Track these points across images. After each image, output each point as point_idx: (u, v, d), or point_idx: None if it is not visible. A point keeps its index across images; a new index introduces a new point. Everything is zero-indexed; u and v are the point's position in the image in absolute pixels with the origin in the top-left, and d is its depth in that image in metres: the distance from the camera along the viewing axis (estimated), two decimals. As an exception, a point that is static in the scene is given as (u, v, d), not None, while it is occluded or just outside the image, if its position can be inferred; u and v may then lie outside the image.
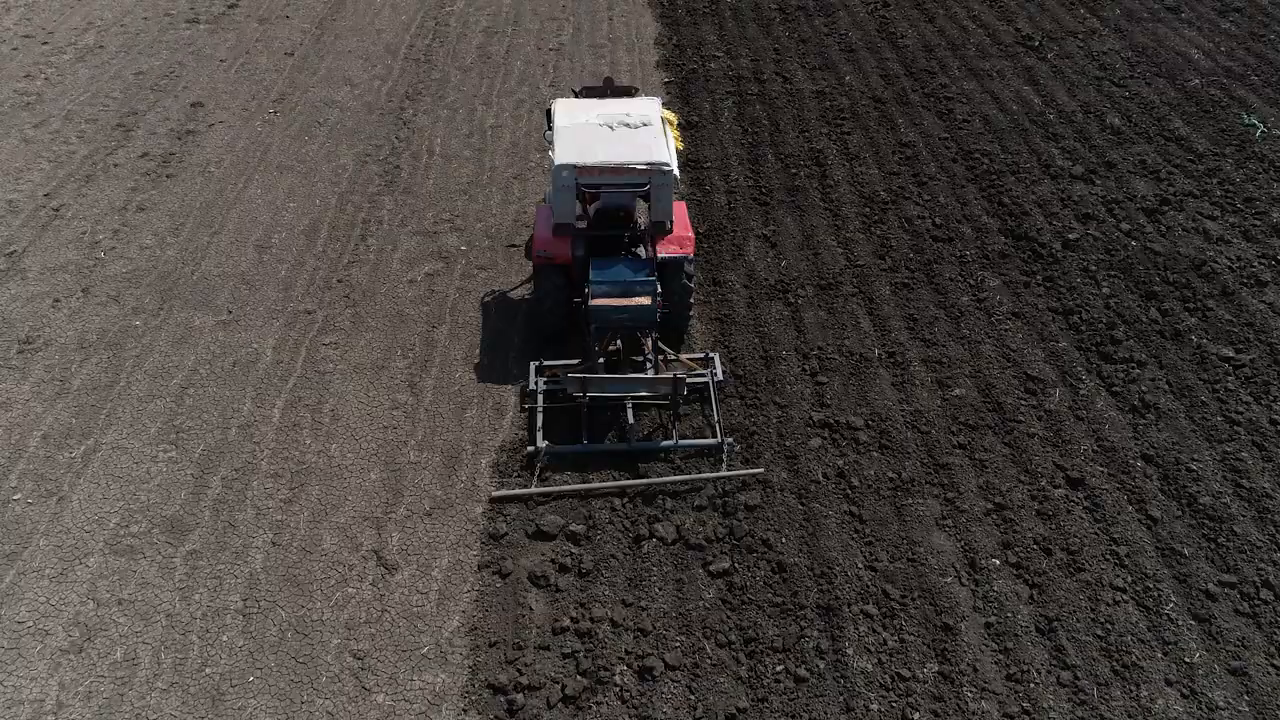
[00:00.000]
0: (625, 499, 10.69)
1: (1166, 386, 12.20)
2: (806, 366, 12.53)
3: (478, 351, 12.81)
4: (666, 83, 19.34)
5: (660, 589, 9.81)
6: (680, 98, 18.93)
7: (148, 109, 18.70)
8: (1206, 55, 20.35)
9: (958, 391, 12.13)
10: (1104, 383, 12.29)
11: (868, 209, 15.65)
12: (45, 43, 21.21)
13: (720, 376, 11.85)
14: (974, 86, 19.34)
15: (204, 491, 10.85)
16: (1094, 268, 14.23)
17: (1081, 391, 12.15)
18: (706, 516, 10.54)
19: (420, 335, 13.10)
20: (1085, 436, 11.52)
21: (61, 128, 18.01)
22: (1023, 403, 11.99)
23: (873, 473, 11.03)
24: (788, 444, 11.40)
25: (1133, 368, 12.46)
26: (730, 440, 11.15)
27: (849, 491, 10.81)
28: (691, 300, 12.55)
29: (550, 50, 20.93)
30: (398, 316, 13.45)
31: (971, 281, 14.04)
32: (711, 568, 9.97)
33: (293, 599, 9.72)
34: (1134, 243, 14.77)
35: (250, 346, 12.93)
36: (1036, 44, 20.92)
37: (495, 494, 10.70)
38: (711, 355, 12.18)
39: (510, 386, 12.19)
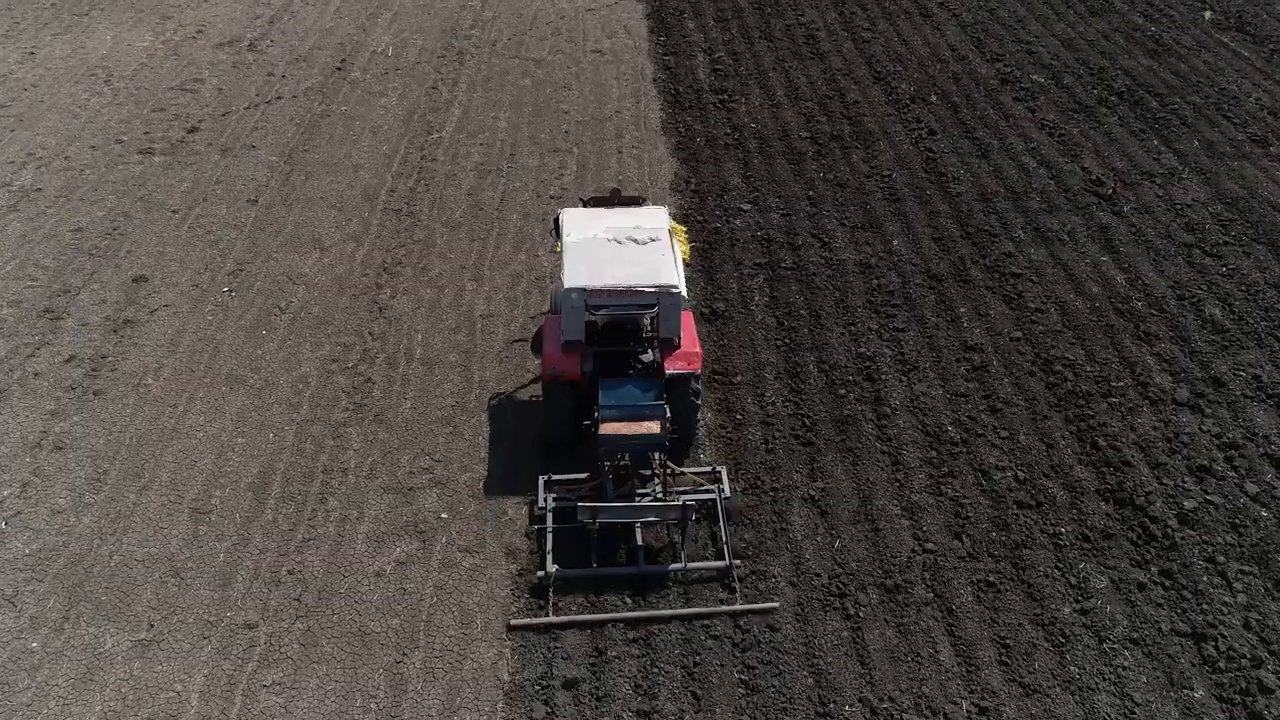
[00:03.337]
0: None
1: (1343, 775, 9.55)
2: (877, 733, 9.86)
3: (458, 697, 10.15)
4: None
5: None
6: (704, 270, 16.26)
7: (82, 285, 16.03)
8: (1308, 211, 17.67)
9: (1074, 783, 9.47)
10: (1260, 764, 9.63)
11: (934, 453, 12.95)
12: (-25, 184, 18.56)
13: (728, 494, 11.81)
14: (1043, 256, 16.63)
15: None
16: (1221, 557, 11.53)
17: (1233, 781, 9.49)
18: None
19: (386, 671, 10.41)
20: None
21: (-22, 314, 15.37)
22: (1160, 802, 9.33)
23: None
24: None
25: (1294, 738, 9.79)
26: (739, 563, 11.21)
27: None
28: (700, 411, 12.64)
29: (551, 198, 18.23)
30: (360, 636, 10.76)
31: (1073, 579, 11.33)
32: None
33: None
34: (1265, 513, 12.07)
35: (172, 689, 10.23)
36: (1110, 192, 18.21)
37: (514, 622, 10.70)
38: (719, 470, 12.13)
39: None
